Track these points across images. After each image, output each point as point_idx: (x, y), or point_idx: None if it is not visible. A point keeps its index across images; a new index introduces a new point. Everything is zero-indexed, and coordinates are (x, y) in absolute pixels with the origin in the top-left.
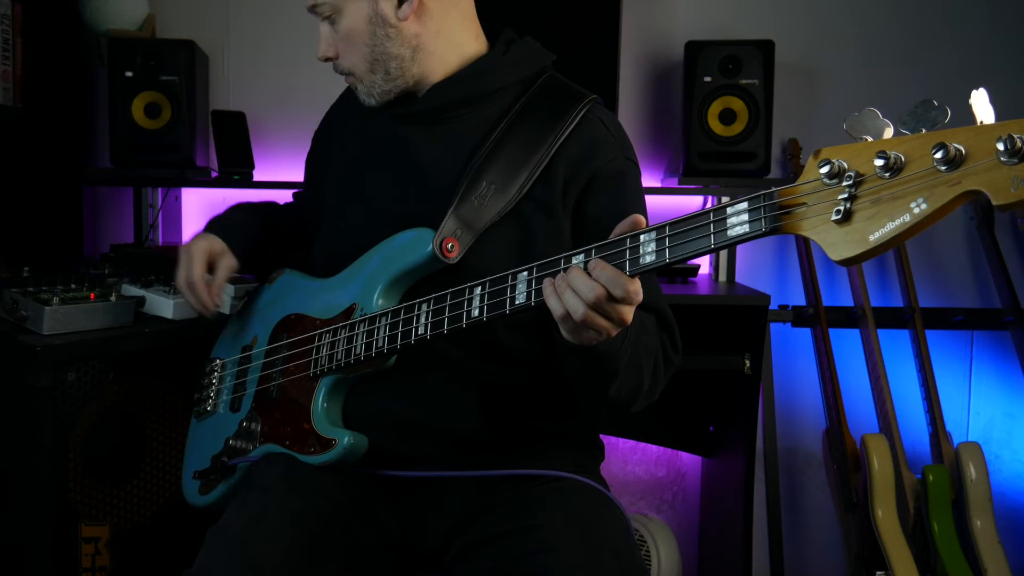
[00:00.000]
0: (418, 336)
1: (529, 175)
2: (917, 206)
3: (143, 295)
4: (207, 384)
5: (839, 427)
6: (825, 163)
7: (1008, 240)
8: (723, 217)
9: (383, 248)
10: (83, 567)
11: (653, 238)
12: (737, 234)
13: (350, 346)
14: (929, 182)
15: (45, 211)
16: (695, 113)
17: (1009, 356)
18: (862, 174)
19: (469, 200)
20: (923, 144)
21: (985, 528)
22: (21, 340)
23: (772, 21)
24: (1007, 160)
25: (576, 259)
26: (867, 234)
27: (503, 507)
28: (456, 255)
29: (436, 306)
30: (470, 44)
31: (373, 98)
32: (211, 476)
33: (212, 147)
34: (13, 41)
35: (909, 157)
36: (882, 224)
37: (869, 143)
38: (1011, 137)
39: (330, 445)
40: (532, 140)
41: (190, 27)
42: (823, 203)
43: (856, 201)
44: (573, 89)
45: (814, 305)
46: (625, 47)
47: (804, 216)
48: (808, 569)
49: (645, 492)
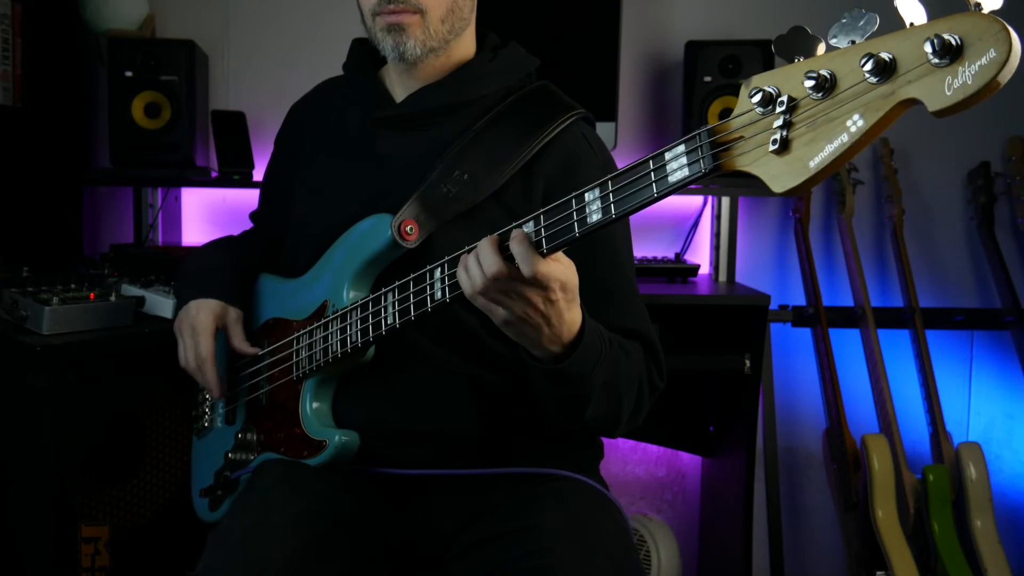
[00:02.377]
0: (388, 326)
1: (502, 176)
2: (853, 124)
3: (143, 295)
4: (201, 401)
5: (839, 427)
6: (756, 91)
7: (1008, 240)
8: (662, 164)
9: (346, 239)
10: (83, 567)
11: (597, 195)
12: (679, 179)
13: (326, 344)
14: (863, 98)
15: (45, 211)
16: (695, 113)
17: (1009, 356)
18: (795, 98)
19: (437, 188)
20: (852, 57)
21: (985, 528)
22: (21, 340)
23: (772, 21)
24: (938, 62)
25: (527, 227)
26: (807, 161)
27: (502, 507)
28: (415, 239)
29: (401, 294)
30: (470, 44)
31: (420, 48)
32: (217, 492)
33: (212, 147)
34: (13, 41)
35: (839, 73)
36: (820, 148)
37: (797, 64)
38: (939, 37)
39: (321, 447)
40: (512, 139)
41: (190, 27)
42: (760, 134)
43: (792, 128)
44: (563, 100)
45: (814, 305)
46: (625, 47)
47: (742, 151)
48: (808, 569)
49: (645, 492)
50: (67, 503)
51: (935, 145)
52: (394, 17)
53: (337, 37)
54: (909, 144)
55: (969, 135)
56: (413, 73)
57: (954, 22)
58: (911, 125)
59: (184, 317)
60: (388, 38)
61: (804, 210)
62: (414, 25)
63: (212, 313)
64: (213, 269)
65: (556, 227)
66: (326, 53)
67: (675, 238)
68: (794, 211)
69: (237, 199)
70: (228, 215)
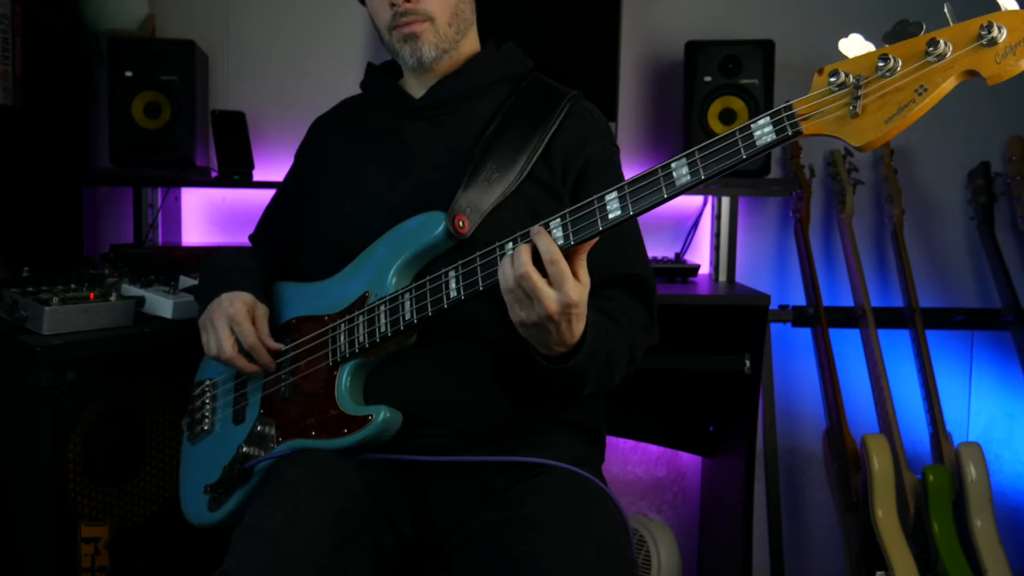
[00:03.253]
0: (451, 300)
1: (527, 160)
2: (920, 91)
3: (143, 295)
4: (200, 406)
5: (839, 427)
6: (834, 74)
7: (1008, 240)
8: (749, 132)
9: (389, 237)
10: (83, 567)
11: (685, 163)
12: (767, 142)
13: (372, 328)
14: (925, 72)
15: (45, 211)
16: (695, 113)
17: (1009, 356)
18: (867, 76)
19: (476, 182)
20: (915, 44)
21: (985, 528)
22: (21, 340)
23: (772, 21)
24: (987, 43)
25: (611, 195)
26: (881, 119)
27: (499, 496)
28: (468, 231)
29: (465, 268)
30: (475, 42)
31: (434, 51)
32: (225, 486)
33: (212, 147)
34: (13, 41)
35: (905, 57)
36: (893, 110)
37: (869, 53)
38: (991, 24)
39: (365, 422)
40: (526, 130)
41: (190, 27)
42: (835, 104)
43: (867, 97)
44: (556, 87)
45: (814, 305)
46: (625, 47)
47: (823, 118)
48: (808, 569)
49: (645, 492)
50: (67, 503)
51: (935, 145)
52: (408, 28)
53: (337, 37)
54: (909, 144)
55: (969, 135)
56: (430, 75)
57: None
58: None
59: (216, 308)
60: (405, 47)
61: (804, 210)
62: (426, 31)
63: (245, 304)
64: (241, 268)
65: (644, 192)
66: (326, 53)
67: (675, 238)
68: (794, 211)
69: (237, 199)
70: (228, 215)
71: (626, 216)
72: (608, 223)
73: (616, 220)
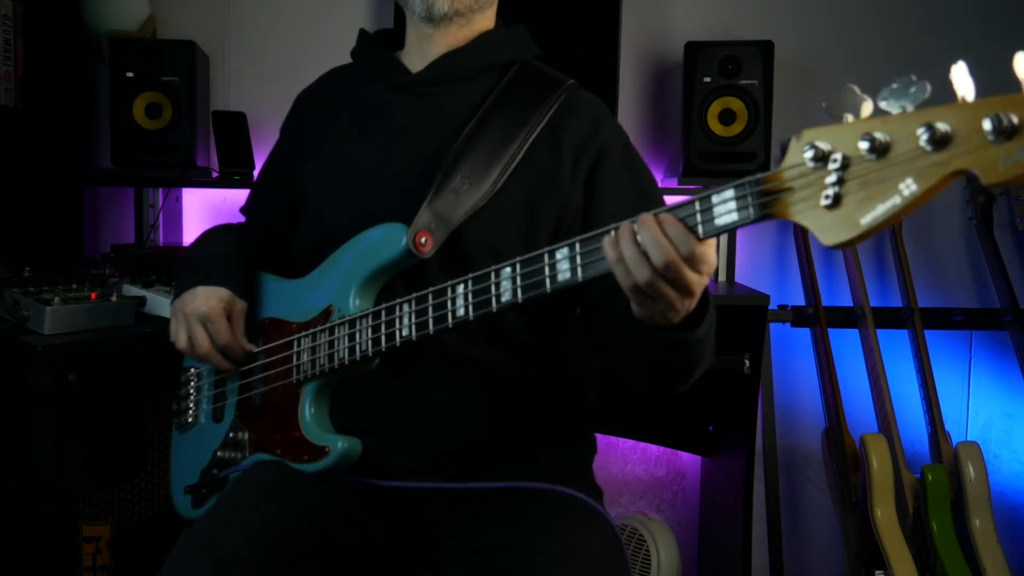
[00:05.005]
0: (403, 337)
1: (503, 169)
2: (907, 187)
3: (144, 295)
4: (185, 395)
5: (838, 427)
6: (809, 147)
7: (1008, 240)
8: (709, 206)
9: (354, 245)
10: (84, 567)
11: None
12: (725, 223)
13: (332, 351)
14: (917, 163)
15: (46, 211)
16: (695, 113)
17: (1008, 356)
18: (848, 156)
19: (444, 193)
20: (908, 123)
21: (984, 527)
22: (22, 340)
23: (772, 21)
24: (995, 139)
25: (560, 252)
26: (858, 218)
27: (492, 517)
28: (430, 250)
29: (418, 306)
30: (490, 21)
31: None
32: (202, 490)
33: (213, 147)
34: (14, 42)
35: (894, 138)
36: (872, 207)
37: (852, 124)
38: (998, 116)
39: (323, 453)
40: (507, 133)
41: (190, 28)
42: (810, 188)
43: (844, 185)
44: (550, 75)
45: (813, 305)
46: (625, 47)
47: (792, 201)
48: (807, 569)
49: (645, 492)
50: (68, 502)
51: None
52: None
53: (337, 37)
54: None
55: None
56: (434, 40)
57: (1012, 103)
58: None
59: (191, 301)
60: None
61: None
62: None
63: (221, 301)
64: (223, 257)
65: (592, 256)
66: (327, 53)
67: None
68: None
69: (238, 199)
70: (229, 215)
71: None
72: (556, 284)
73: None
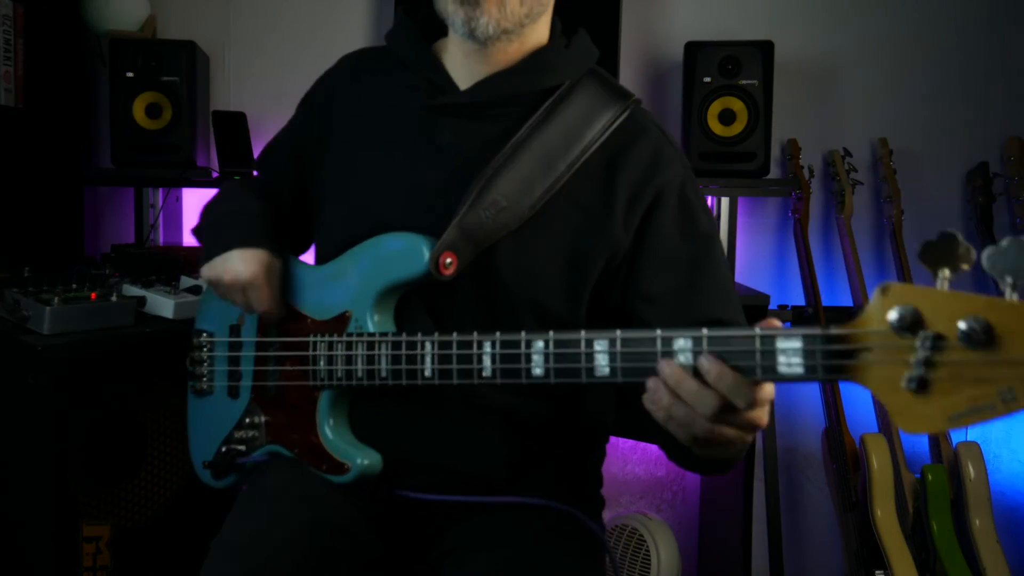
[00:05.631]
0: (425, 379)
1: (547, 190)
2: (1009, 394)
3: (144, 295)
4: (199, 360)
5: (838, 426)
6: (898, 311)
7: None
8: (771, 349)
9: (374, 251)
10: (84, 566)
11: (690, 347)
12: (787, 373)
13: (351, 367)
14: None
15: (46, 211)
16: (694, 113)
17: None
18: (942, 336)
19: (475, 214)
20: (1020, 318)
21: (984, 527)
22: (22, 340)
23: (772, 21)
24: None
25: (599, 344)
26: (943, 414)
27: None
28: (452, 272)
29: (441, 350)
30: (544, 31)
31: (493, 27)
32: (220, 468)
33: (213, 147)
34: (15, 42)
35: (1002, 332)
36: (961, 406)
37: (952, 296)
38: None
39: (343, 468)
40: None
41: (190, 28)
42: (891, 358)
43: (934, 370)
44: (611, 87)
45: (813, 305)
46: (625, 47)
47: (868, 366)
48: (807, 568)
49: (645, 492)
50: (68, 502)
51: (934, 146)
52: None
53: (338, 37)
54: (908, 145)
55: (968, 135)
56: (482, 57)
57: None
58: (910, 126)
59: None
60: (460, 11)
61: (804, 211)
62: (490, 2)
63: (262, 265)
64: (254, 215)
65: (635, 359)
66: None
67: None
68: (793, 211)
69: None
70: None
71: None
72: (593, 377)
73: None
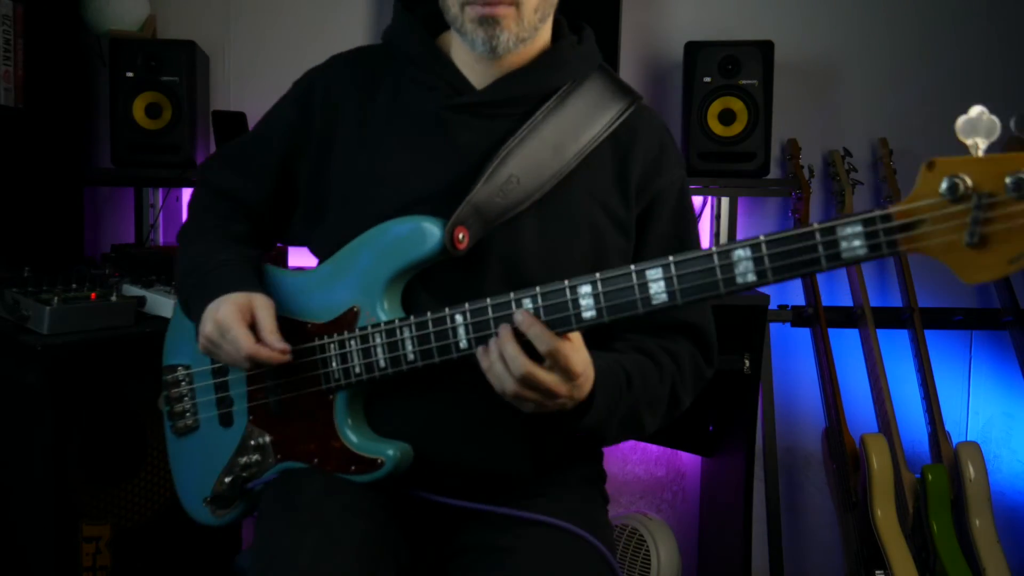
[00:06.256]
0: (460, 351)
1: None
2: None
3: (144, 295)
4: (178, 396)
5: (838, 427)
6: (951, 182)
7: None
8: (833, 238)
9: (375, 239)
10: (84, 566)
11: (749, 256)
12: (853, 256)
13: (369, 360)
14: None
15: (46, 211)
16: (694, 113)
17: (1008, 356)
18: (994, 195)
19: (488, 191)
20: None
21: (984, 527)
22: (22, 340)
23: (772, 21)
24: None
25: (654, 272)
26: (1005, 258)
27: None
28: (465, 247)
29: (475, 319)
30: (548, 28)
31: (513, 41)
32: (225, 500)
33: (213, 147)
34: (14, 42)
35: None
36: (1020, 249)
37: (994, 159)
38: None
39: (375, 465)
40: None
41: (190, 27)
42: (948, 223)
43: (990, 224)
44: (618, 84)
45: (813, 305)
46: (625, 47)
47: (929, 236)
48: (807, 569)
49: (645, 492)
50: (68, 502)
51: (934, 145)
52: (489, 9)
53: (338, 37)
54: (908, 144)
55: None
56: (495, 60)
57: None
58: (910, 125)
59: (206, 325)
60: (479, 31)
61: (804, 210)
62: (508, 18)
63: (236, 304)
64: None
65: (695, 280)
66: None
67: None
68: (793, 211)
69: None
70: None
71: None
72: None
73: (661, 305)
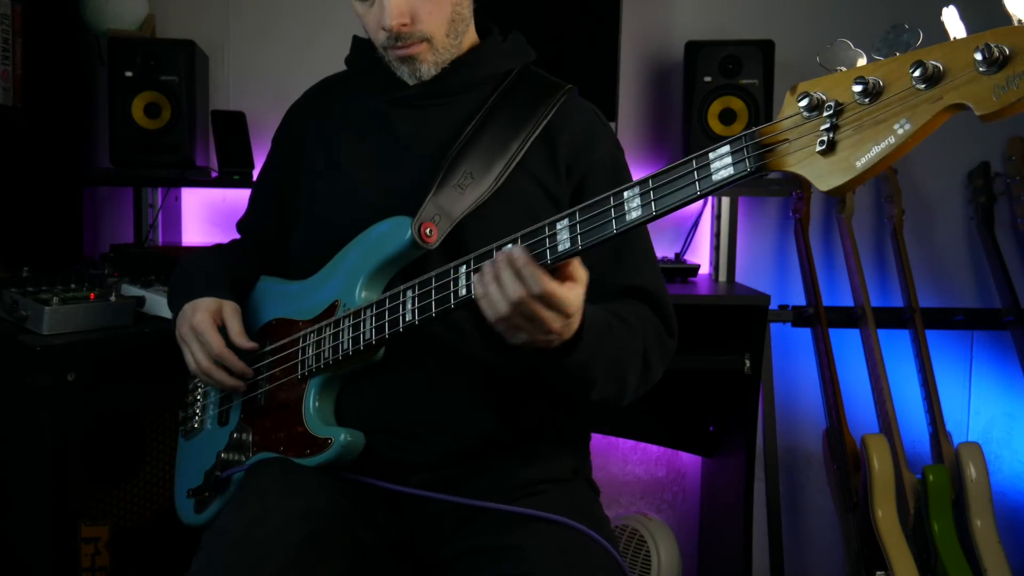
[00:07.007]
0: (406, 323)
1: (505, 166)
2: (900, 127)
3: (143, 295)
4: (192, 402)
5: (839, 427)
6: (804, 96)
7: (1009, 240)
8: (706, 163)
9: (361, 241)
10: (83, 567)
11: (636, 193)
12: (723, 177)
13: (336, 343)
14: (910, 102)
15: (45, 211)
16: (695, 113)
17: (1009, 356)
18: (842, 103)
19: (447, 187)
20: (900, 65)
21: (985, 528)
22: (21, 340)
23: (772, 21)
24: (986, 70)
25: (560, 224)
26: (853, 161)
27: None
28: (435, 241)
29: (421, 290)
30: (473, 34)
31: (434, 68)
32: (205, 493)
33: (212, 147)
34: (13, 41)
35: (887, 80)
36: (867, 149)
37: (846, 72)
38: (988, 46)
39: (325, 445)
40: (507, 134)
41: (190, 27)
42: (805, 137)
43: (839, 131)
44: (548, 80)
45: (814, 305)
46: (625, 47)
47: (788, 152)
48: (808, 569)
49: (645, 492)
50: (67, 503)
51: (935, 145)
52: (404, 51)
53: (337, 37)
54: None
55: (969, 135)
56: None
57: (1002, 34)
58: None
59: (181, 323)
60: (403, 67)
61: (804, 210)
62: (424, 52)
63: (208, 310)
64: (200, 272)
65: (593, 223)
66: (326, 53)
67: (675, 238)
68: (794, 211)
69: (237, 199)
70: (228, 215)
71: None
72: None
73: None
